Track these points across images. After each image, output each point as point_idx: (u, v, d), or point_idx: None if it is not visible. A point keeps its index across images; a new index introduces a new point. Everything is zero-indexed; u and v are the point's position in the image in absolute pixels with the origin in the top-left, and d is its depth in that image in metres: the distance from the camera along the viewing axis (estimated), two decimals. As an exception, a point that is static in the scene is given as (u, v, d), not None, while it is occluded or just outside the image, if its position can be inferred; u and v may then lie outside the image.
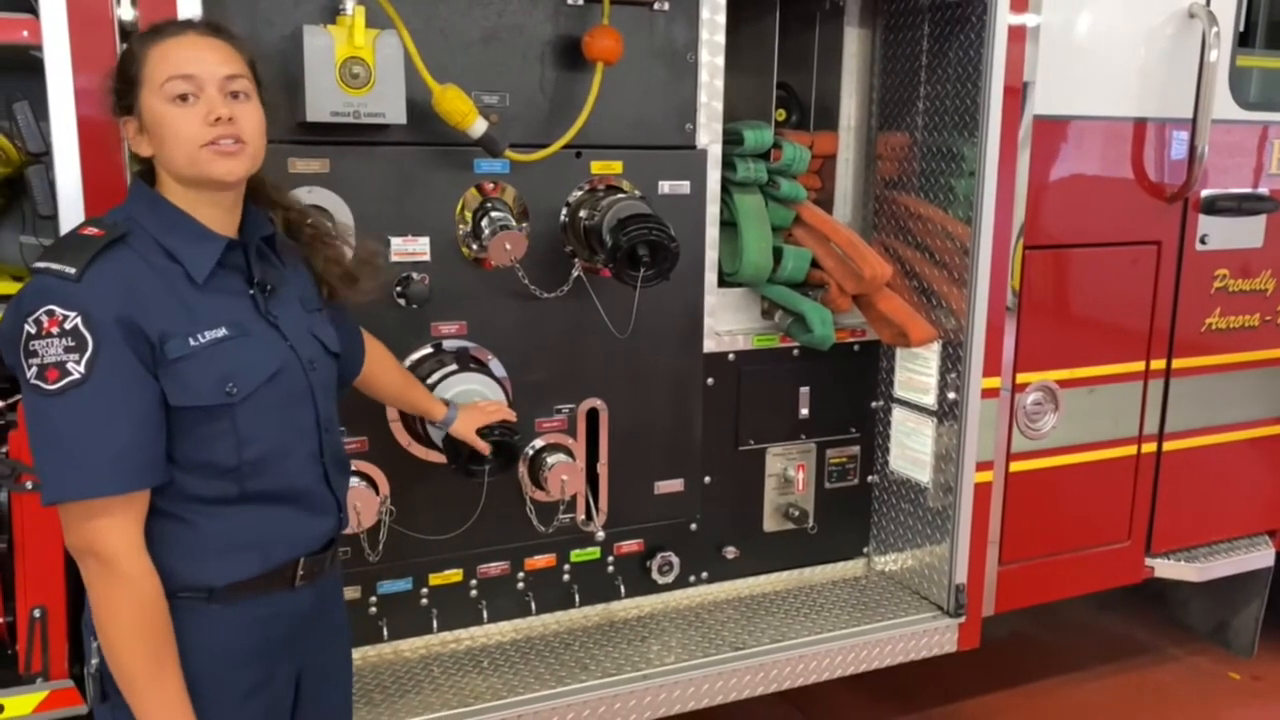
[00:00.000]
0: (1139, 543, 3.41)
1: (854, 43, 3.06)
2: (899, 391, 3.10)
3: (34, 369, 1.44)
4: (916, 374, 3.04)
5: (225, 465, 1.57)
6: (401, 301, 2.41)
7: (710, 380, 2.86)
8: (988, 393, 2.91)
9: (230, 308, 1.61)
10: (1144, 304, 3.24)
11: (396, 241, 2.39)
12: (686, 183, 2.67)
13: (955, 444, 2.91)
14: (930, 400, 2.99)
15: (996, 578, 3.09)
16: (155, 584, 1.52)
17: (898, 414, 3.12)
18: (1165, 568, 3.45)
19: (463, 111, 2.28)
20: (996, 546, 3.06)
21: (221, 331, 1.57)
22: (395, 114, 2.25)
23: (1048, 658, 3.85)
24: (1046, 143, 2.97)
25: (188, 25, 1.66)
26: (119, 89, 1.60)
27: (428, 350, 2.47)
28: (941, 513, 2.99)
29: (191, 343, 1.54)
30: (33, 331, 1.45)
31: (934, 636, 2.95)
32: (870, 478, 3.21)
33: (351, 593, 2.53)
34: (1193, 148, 3.14)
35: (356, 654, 2.56)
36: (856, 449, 3.17)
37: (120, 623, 1.49)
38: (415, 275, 2.40)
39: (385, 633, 2.59)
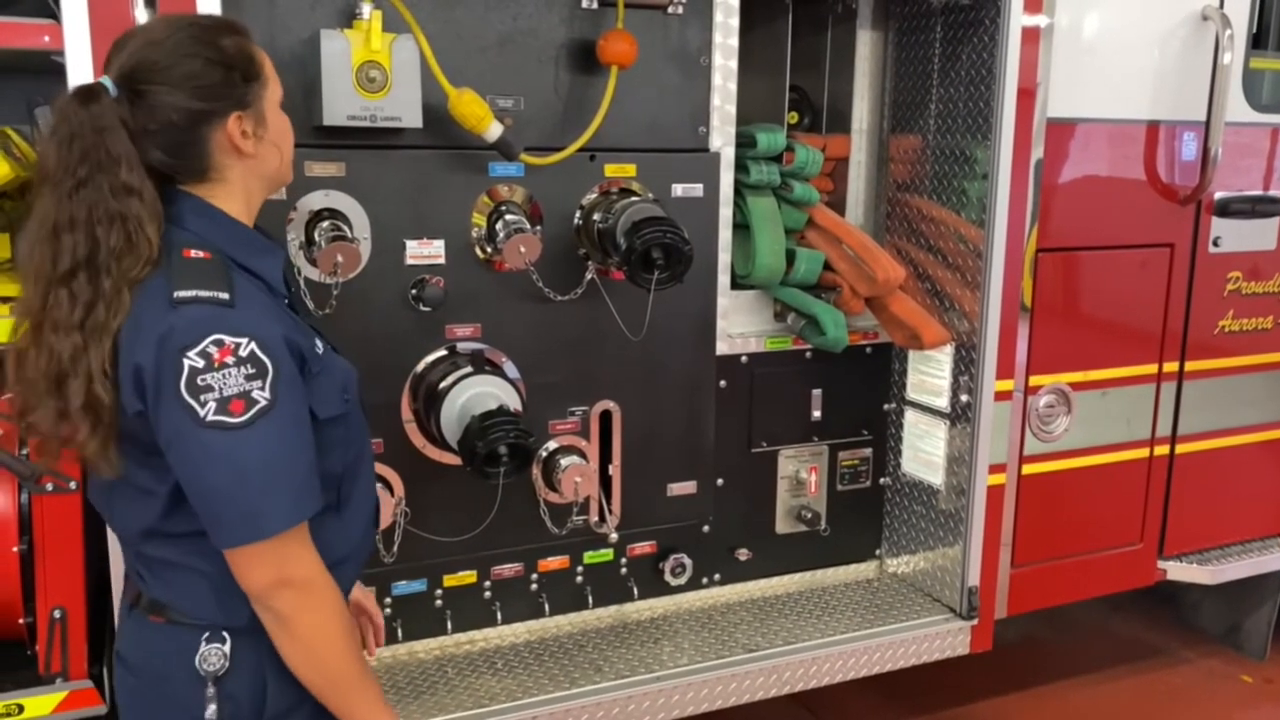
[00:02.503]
0: (1151, 545, 3.40)
1: (866, 45, 3.06)
2: (911, 394, 3.10)
3: (211, 404, 1.35)
4: (929, 376, 3.04)
5: (335, 472, 1.57)
6: (417, 304, 2.42)
7: (723, 382, 2.86)
8: (1000, 395, 2.91)
9: (301, 321, 1.59)
10: (1157, 306, 3.23)
11: (412, 244, 2.40)
12: (700, 185, 2.67)
13: (968, 446, 2.91)
14: (943, 403, 2.99)
15: (1009, 580, 3.09)
16: (344, 599, 1.52)
17: (910, 416, 3.11)
18: (1177, 570, 3.44)
19: (478, 115, 2.29)
20: (1009, 549, 3.06)
21: (320, 343, 1.57)
22: (411, 118, 2.26)
23: (1060, 660, 3.84)
24: (1059, 145, 2.97)
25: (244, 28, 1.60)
26: (238, 84, 1.49)
27: (442, 353, 2.47)
28: (954, 515, 2.99)
29: (319, 353, 1.53)
30: (200, 365, 1.35)
31: (946, 639, 2.95)
32: (883, 480, 3.20)
33: None
34: (1206, 150, 3.13)
35: (387, 651, 2.58)
36: (869, 451, 3.16)
37: (334, 637, 1.47)
38: (430, 278, 2.41)
39: (400, 634, 2.60)
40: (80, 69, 1.89)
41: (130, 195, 1.41)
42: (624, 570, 2.87)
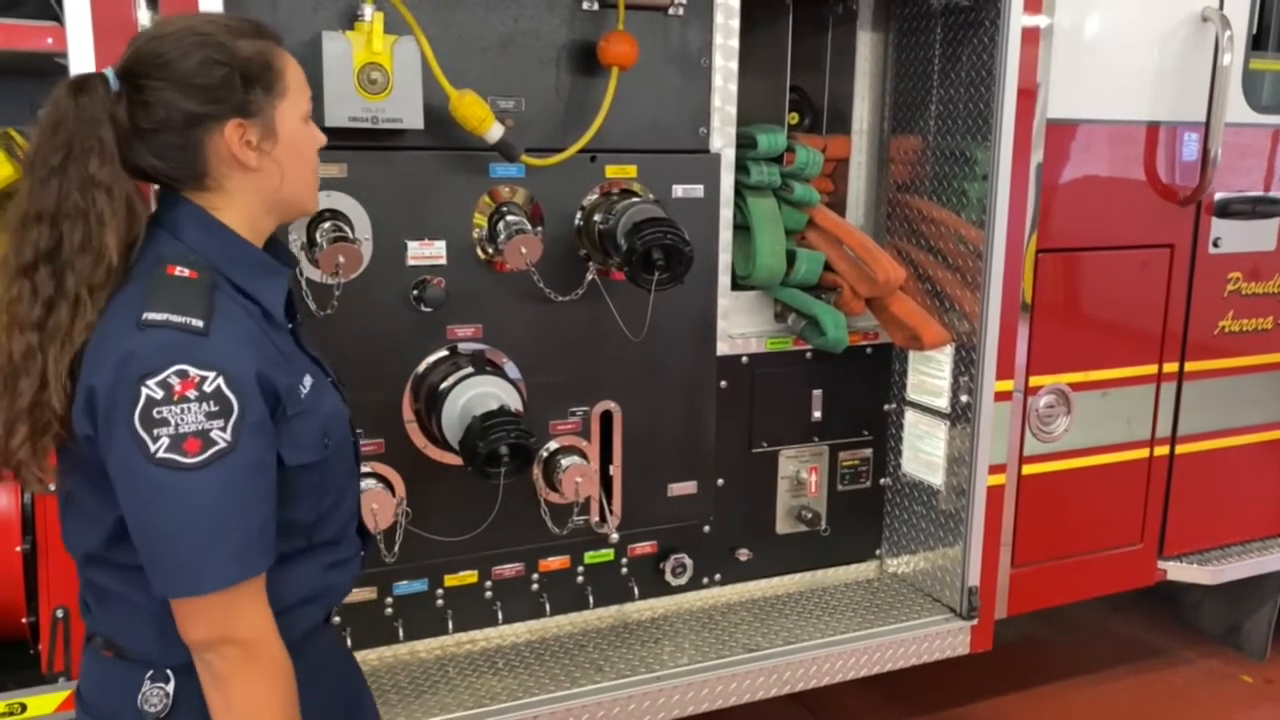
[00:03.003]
0: (1151, 545, 3.40)
1: (867, 46, 3.06)
2: (911, 394, 3.10)
3: (164, 440, 1.23)
4: (929, 377, 3.04)
5: (304, 520, 1.44)
6: (418, 305, 2.42)
7: (723, 383, 2.86)
8: (1000, 395, 2.91)
9: (295, 351, 1.46)
10: (1157, 307, 3.23)
11: (413, 245, 2.40)
12: (700, 186, 2.68)
13: (968, 447, 2.91)
14: (943, 403, 2.99)
15: (1009, 580, 3.09)
16: (291, 665, 1.37)
17: (910, 417, 3.11)
18: (1178, 570, 3.44)
19: (480, 116, 2.29)
20: (1009, 549, 3.06)
21: (310, 380, 1.42)
22: (413, 119, 2.27)
23: (1060, 660, 3.84)
24: (1059, 146, 2.97)
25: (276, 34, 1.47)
26: (242, 89, 1.37)
27: (444, 353, 2.48)
28: (954, 515, 2.99)
29: (301, 394, 1.39)
30: (158, 396, 1.23)
31: (946, 639, 2.95)
32: (883, 480, 3.20)
33: (368, 593, 2.55)
34: (1205, 151, 3.14)
35: (372, 654, 2.59)
36: (869, 451, 3.16)
37: (271, 710, 1.33)
38: (431, 279, 2.42)
39: (401, 633, 2.60)
40: (83, 71, 1.89)
41: (97, 190, 1.31)
42: (625, 570, 2.87)
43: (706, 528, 2.94)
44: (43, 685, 2.11)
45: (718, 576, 3.01)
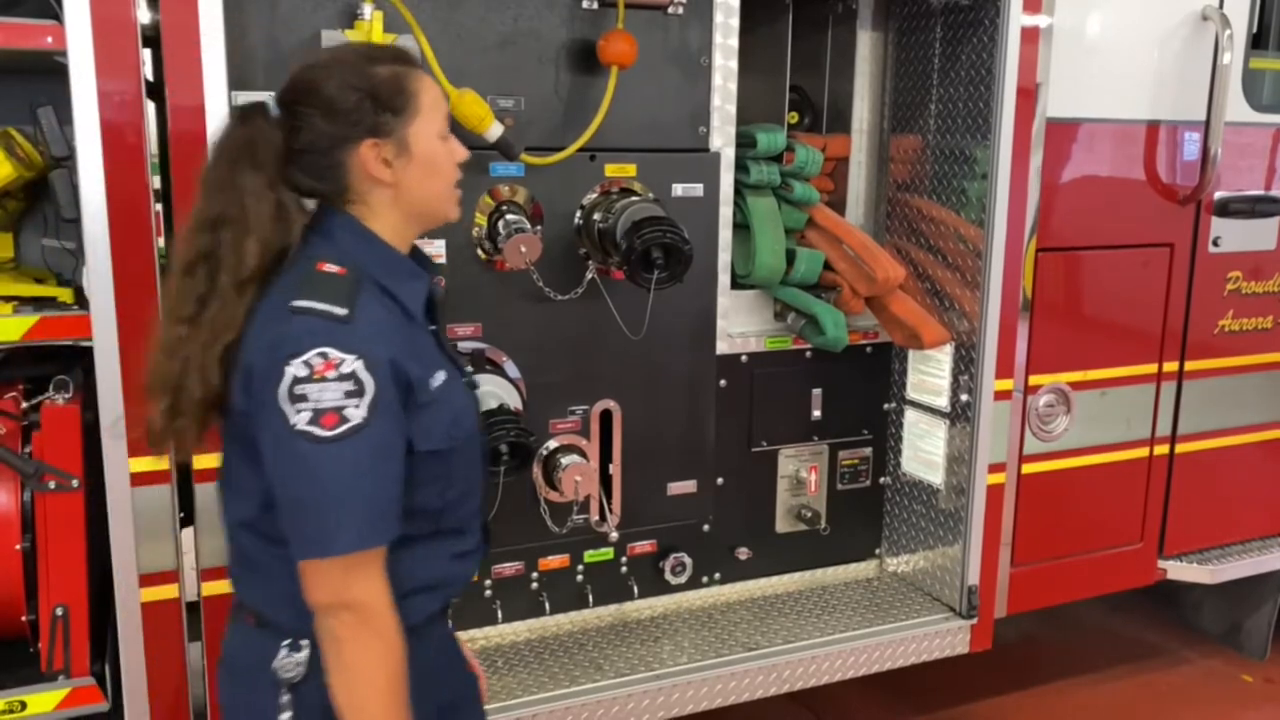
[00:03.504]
0: (1151, 545, 3.40)
1: (866, 45, 3.07)
2: (911, 393, 3.10)
3: (305, 414, 1.37)
4: (929, 376, 3.04)
5: (430, 507, 1.55)
6: (417, 303, 2.43)
7: (723, 382, 2.87)
8: (1000, 395, 2.91)
9: (432, 348, 1.59)
10: (1157, 306, 3.23)
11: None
12: (700, 185, 2.68)
13: (967, 446, 2.91)
14: (943, 402, 2.99)
15: (1009, 579, 3.09)
16: (403, 639, 1.47)
17: (910, 416, 3.11)
18: (1178, 570, 3.44)
19: (479, 115, 2.29)
20: (1009, 548, 3.06)
21: (443, 375, 1.54)
22: None
23: (1059, 659, 3.83)
24: (1059, 145, 2.97)
25: (413, 59, 1.61)
26: (375, 112, 1.51)
27: None
28: (954, 514, 2.98)
29: (432, 386, 1.51)
30: (302, 375, 1.37)
31: (946, 638, 2.95)
32: (882, 479, 3.20)
33: None
34: (1205, 150, 3.14)
35: None
36: (869, 451, 3.16)
37: (377, 678, 1.43)
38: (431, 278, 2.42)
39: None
40: (83, 69, 1.90)
41: (251, 201, 1.47)
42: (624, 569, 2.87)
43: (706, 527, 2.94)
44: (42, 683, 2.11)
45: (717, 575, 3.01)
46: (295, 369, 1.37)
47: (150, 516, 2.06)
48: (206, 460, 2.08)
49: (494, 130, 2.31)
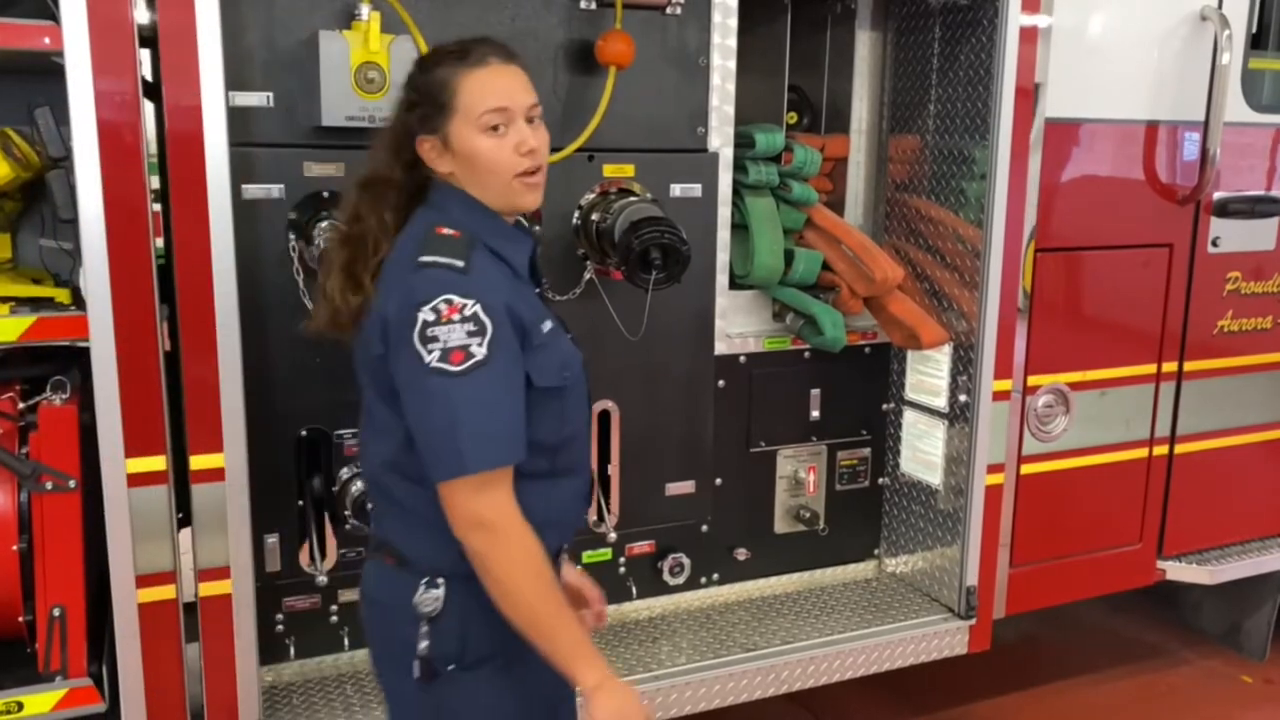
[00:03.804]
0: (1150, 545, 3.40)
1: (865, 46, 3.07)
2: (910, 394, 3.10)
3: (436, 352, 1.54)
4: (927, 376, 3.03)
5: (549, 442, 1.70)
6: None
7: (721, 382, 2.87)
8: (999, 395, 2.90)
9: (538, 303, 1.76)
10: (1156, 306, 3.23)
11: None
12: (698, 185, 2.68)
13: (966, 446, 2.91)
14: (941, 403, 2.99)
15: (1007, 580, 3.08)
16: (536, 538, 1.61)
17: (909, 416, 3.11)
18: (1177, 570, 3.43)
19: (475, 116, 2.29)
20: (1008, 549, 3.06)
21: (550, 324, 1.72)
22: None
23: (1059, 660, 3.83)
24: (1058, 145, 2.97)
25: (489, 50, 1.69)
26: (425, 111, 1.67)
27: None
28: (952, 515, 2.98)
29: (543, 331, 1.68)
30: (431, 319, 1.55)
31: (945, 639, 2.95)
32: (881, 480, 3.20)
33: (349, 595, 2.47)
34: (1205, 150, 3.13)
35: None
36: (867, 451, 3.16)
37: (521, 575, 1.58)
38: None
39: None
40: (79, 69, 1.90)
41: (383, 169, 1.73)
42: (623, 570, 2.87)
43: (705, 527, 2.94)
44: (39, 684, 2.11)
45: (716, 576, 3.01)
46: (425, 314, 1.55)
47: (147, 517, 2.06)
48: (203, 461, 2.09)
49: (491, 131, 2.31)
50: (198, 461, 2.08)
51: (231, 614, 2.15)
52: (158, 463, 2.04)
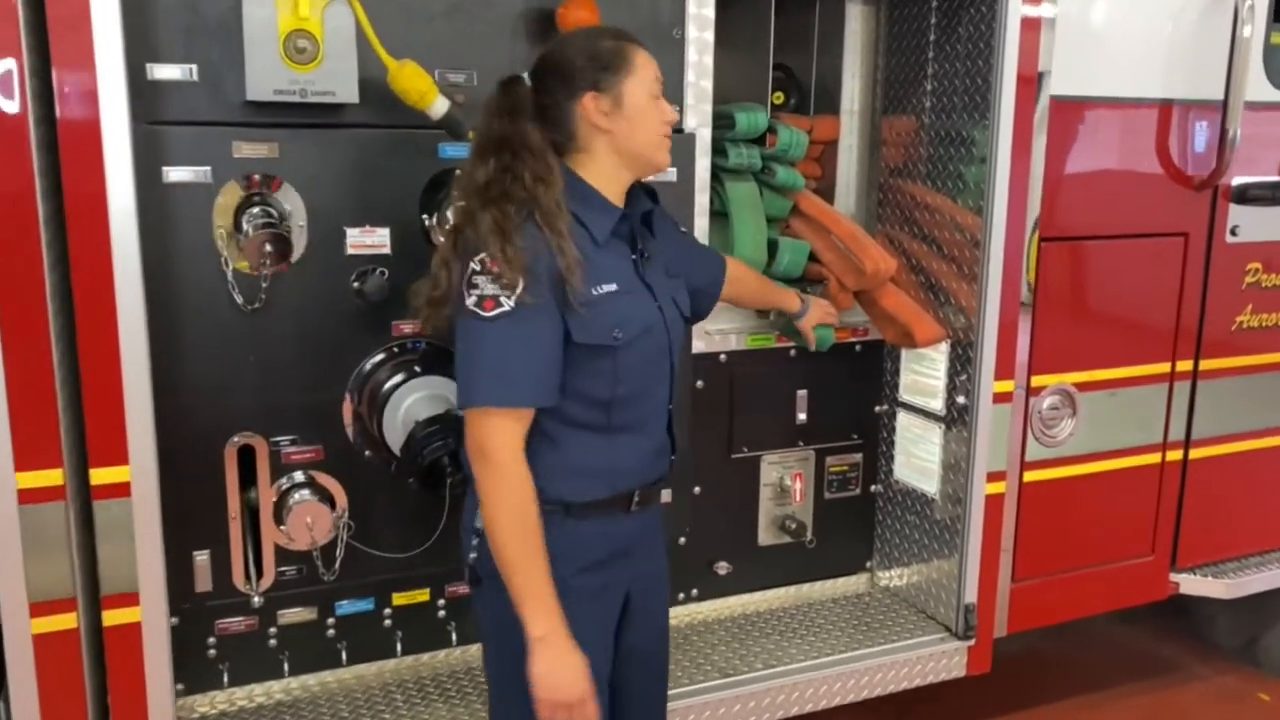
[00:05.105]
0: (1163, 557, 3.33)
1: (857, 20, 3.01)
2: (904, 395, 3.03)
3: (474, 298, 1.79)
4: (923, 376, 2.96)
5: (601, 397, 1.91)
6: (359, 298, 2.28)
7: (700, 383, 2.78)
8: (1000, 397, 2.83)
9: (619, 269, 1.95)
10: (1169, 300, 3.16)
11: (353, 233, 2.28)
12: (673, 169, 2.54)
13: (965, 452, 2.83)
14: (938, 404, 2.91)
15: (1009, 596, 3.01)
16: (529, 484, 1.83)
17: (903, 419, 3.04)
18: (1191, 584, 3.36)
19: (421, 90, 2.15)
20: (1009, 562, 2.99)
21: (613, 287, 1.91)
22: (346, 92, 2.15)
23: (1065, 676, 3.75)
24: (1064, 126, 2.89)
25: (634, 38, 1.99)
26: (596, 71, 1.89)
27: (384, 354, 2.34)
28: (950, 526, 2.90)
29: (594, 292, 1.87)
30: (476, 269, 1.80)
31: (941, 660, 2.86)
32: (873, 488, 3.14)
33: (307, 614, 2.43)
34: (1224, 132, 3.04)
35: (312, 679, 2.47)
36: (858, 457, 3.10)
37: (504, 511, 1.81)
38: (374, 270, 2.27)
39: (344, 657, 2.47)
40: None
41: (510, 140, 1.88)
42: (592, 586, 2.71)
43: (682, 539, 2.84)
44: None
45: (694, 592, 2.93)
46: (474, 264, 1.80)
47: (40, 538, 1.90)
48: (106, 475, 1.94)
49: (438, 106, 2.17)
50: (99, 475, 1.93)
51: (141, 644, 2.00)
52: (54, 477, 1.88)
